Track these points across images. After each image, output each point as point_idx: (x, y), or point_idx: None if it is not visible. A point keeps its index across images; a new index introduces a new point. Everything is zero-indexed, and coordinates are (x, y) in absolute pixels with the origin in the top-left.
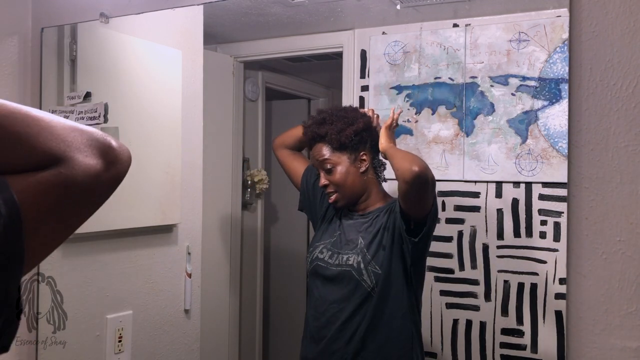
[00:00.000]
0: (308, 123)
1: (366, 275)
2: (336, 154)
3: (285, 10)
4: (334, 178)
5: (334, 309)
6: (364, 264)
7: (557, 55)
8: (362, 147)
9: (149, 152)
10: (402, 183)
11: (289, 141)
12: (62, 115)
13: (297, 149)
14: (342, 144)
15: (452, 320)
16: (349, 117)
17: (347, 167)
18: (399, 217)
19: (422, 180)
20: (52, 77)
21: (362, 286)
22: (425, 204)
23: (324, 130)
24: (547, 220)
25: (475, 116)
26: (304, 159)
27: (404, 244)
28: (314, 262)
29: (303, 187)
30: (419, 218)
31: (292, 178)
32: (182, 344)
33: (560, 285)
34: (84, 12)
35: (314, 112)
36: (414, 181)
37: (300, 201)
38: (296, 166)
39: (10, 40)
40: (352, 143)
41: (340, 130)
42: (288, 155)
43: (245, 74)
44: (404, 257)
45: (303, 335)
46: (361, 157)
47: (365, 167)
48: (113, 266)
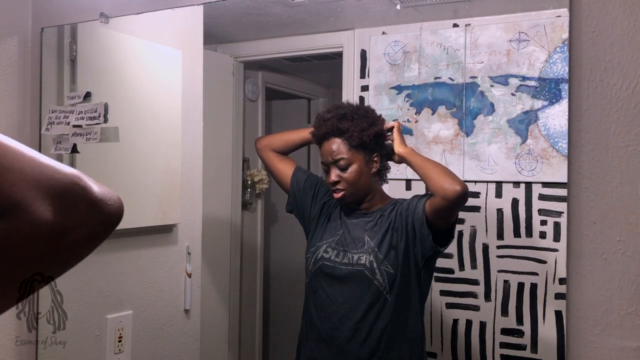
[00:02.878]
0: (327, 116)
1: (379, 274)
2: (352, 152)
3: (285, 10)
4: (346, 176)
5: (345, 309)
6: (376, 263)
7: (557, 55)
8: (377, 149)
9: (149, 152)
10: (441, 200)
11: (278, 145)
12: (62, 115)
13: (285, 153)
14: (363, 142)
15: (452, 320)
16: (371, 116)
17: (361, 167)
18: (424, 226)
19: (463, 200)
20: (52, 77)
21: (374, 285)
22: (455, 216)
23: (345, 125)
24: (547, 220)
25: (475, 116)
26: (291, 161)
27: (416, 247)
28: (319, 262)
29: (293, 189)
30: (445, 227)
31: (280, 179)
32: (182, 344)
33: (560, 285)
34: (84, 12)
35: (317, 111)
36: (457, 201)
37: (289, 203)
38: (284, 168)
39: (10, 40)
40: (371, 144)
41: (363, 129)
42: (275, 157)
43: (245, 74)
44: (415, 258)
45: (305, 337)
46: (374, 159)
47: (376, 168)
48: (113, 266)
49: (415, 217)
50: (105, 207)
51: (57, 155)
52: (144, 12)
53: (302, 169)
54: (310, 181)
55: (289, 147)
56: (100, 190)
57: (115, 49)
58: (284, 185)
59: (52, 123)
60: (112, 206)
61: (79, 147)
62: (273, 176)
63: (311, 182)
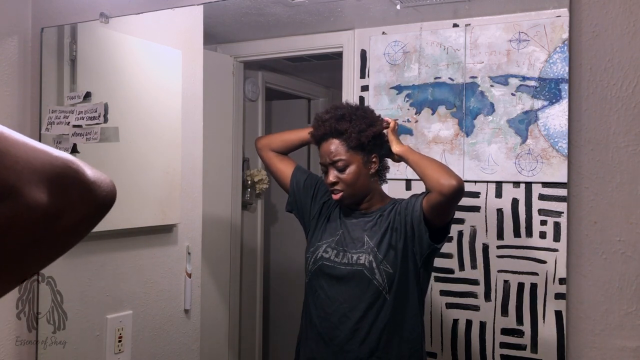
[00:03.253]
0: (325, 117)
1: (378, 274)
2: (350, 153)
3: (285, 10)
4: (345, 177)
5: (345, 308)
6: (375, 263)
7: (557, 55)
8: (376, 149)
9: (149, 152)
10: (438, 195)
11: (277, 145)
12: (62, 115)
13: (285, 153)
14: (361, 144)
15: (452, 320)
16: (369, 117)
17: (359, 168)
18: (422, 223)
19: (460, 194)
20: (52, 77)
21: (374, 285)
22: (452, 213)
23: (343, 126)
24: (547, 220)
25: (475, 116)
26: (291, 161)
27: (415, 246)
28: (318, 262)
29: (293, 188)
30: (442, 225)
31: (280, 179)
32: (182, 344)
33: (560, 285)
34: (84, 12)
35: (317, 111)
36: (453, 195)
37: (288, 202)
38: (284, 168)
39: (10, 40)
40: (369, 145)
41: (361, 130)
42: (275, 157)
43: (245, 74)
44: (414, 258)
45: (305, 336)
46: (372, 159)
47: (374, 169)
48: (113, 266)
49: (413, 216)
50: (98, 190)
51: None
52: (144, 12)
53: (302, 168)
54: (310, 181)
55: (289, 147)
56: (93, 174)
57: (115, 49)
58: (284, 184)
59: (52, 123)
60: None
61: (79, 147)
62: (273, 176)
63: (311, 182)
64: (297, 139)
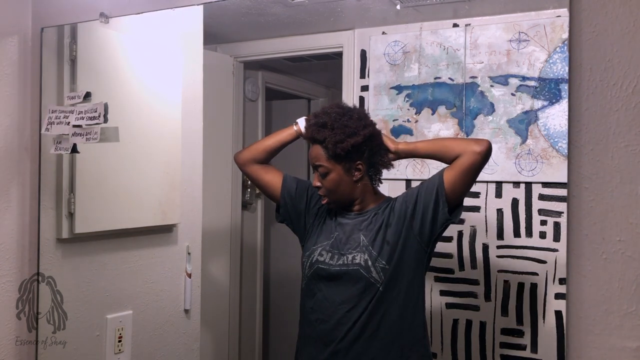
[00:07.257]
0: (311, 122)
1: (374, 272)
2: (331, 162)
3: (285, 10)
4: (326, 184)
5: (344, 309)
6: (371, 261)
7: (557, 55)
8: (359, 157)
9: (149, 152)
10: (471, 155)
11: (261, 156)
12: (62, 115)
13: (268, 161)
14: (338, 155)
15: (452, 320)
16: (351, 127)
17: (340, 176)
18: (442, 198)
19: (490, 153)
20: (52, 77)
21: (371, 283)
22: (476, 179)
23: (322, 135)
24: (547, 220)
25: (475, 116)
26: (276, 171)
27: (424, 229)
28: (314, 266)
29: (285, 200)
30: (457, 198)
31: (269, 192)
32: (182, 344)
33: (560, 285)
34: (84, 12)
35: (317, 110)
36: (487, 152)
37: (280, 214)
38: (271, 179)
39: (10, 40)
40: (349, 155)
41: (337, 141)
42: (260, 170)
43: (245, 74)
44: (413, 249)
45: (304, 339)
46: (356, 166)
47: (359, 176)
48: (113, 266)
49: (425, 199)
50: None
51: (57, 155)
52: (144, 12)
53: (290, 176)
54: (302, 187)
55: (271, 153)
56: None
57: (115, 49)
58: (274, 196)
59: (52, 123)
60: None
61: (79, 147)
62: (261, 189)
63: (302, 188)
64: (278, 143)
